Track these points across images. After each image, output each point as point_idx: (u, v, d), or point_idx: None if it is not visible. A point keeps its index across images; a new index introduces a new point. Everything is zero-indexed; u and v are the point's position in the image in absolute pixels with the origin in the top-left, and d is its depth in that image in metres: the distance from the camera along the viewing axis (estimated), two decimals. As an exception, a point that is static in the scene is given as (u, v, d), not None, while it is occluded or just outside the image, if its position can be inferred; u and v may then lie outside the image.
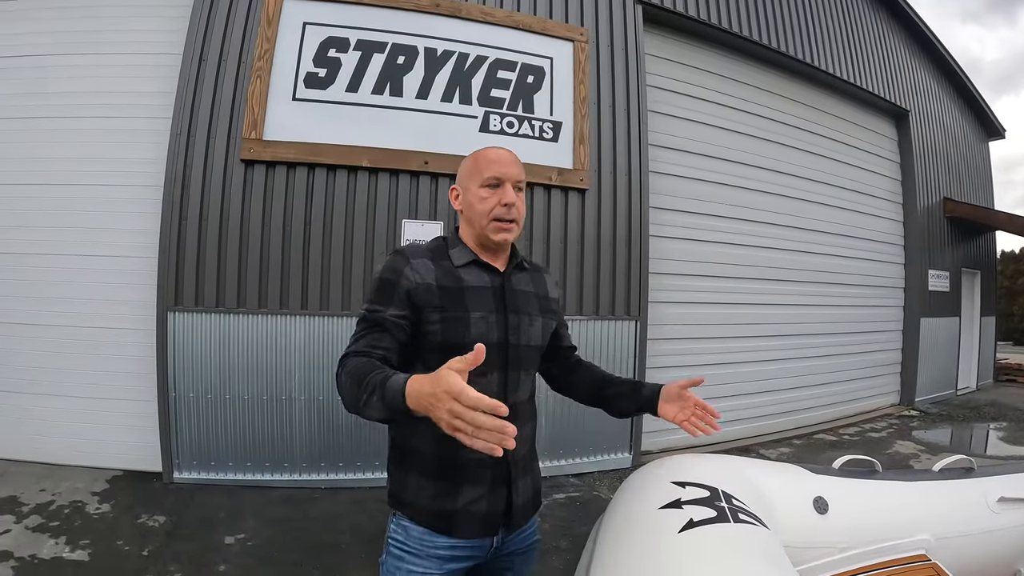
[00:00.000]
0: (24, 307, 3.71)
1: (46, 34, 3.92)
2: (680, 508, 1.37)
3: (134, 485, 3.49)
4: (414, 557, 1.17)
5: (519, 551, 1.28)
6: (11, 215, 3.73)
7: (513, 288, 1.22)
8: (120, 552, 2.72)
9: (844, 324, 5.67)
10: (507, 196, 1.16)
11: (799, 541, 1.63)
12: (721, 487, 1.50)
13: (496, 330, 1.16)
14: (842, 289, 5.64)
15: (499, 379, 1.17)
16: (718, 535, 1.26)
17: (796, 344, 5.20)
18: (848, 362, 5.77)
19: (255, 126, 3.63)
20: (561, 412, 3.94)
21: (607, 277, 4.07)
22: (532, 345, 1.23)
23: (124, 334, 3.67)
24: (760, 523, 1.39)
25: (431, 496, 1.17)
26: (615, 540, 1.32)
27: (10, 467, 3.60)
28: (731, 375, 4.80)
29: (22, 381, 3.72)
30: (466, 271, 1.18)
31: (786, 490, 1.73)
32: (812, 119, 5.39)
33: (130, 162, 3.74)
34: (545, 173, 3.94)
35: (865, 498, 1.76)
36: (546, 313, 1.29)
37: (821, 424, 5.45)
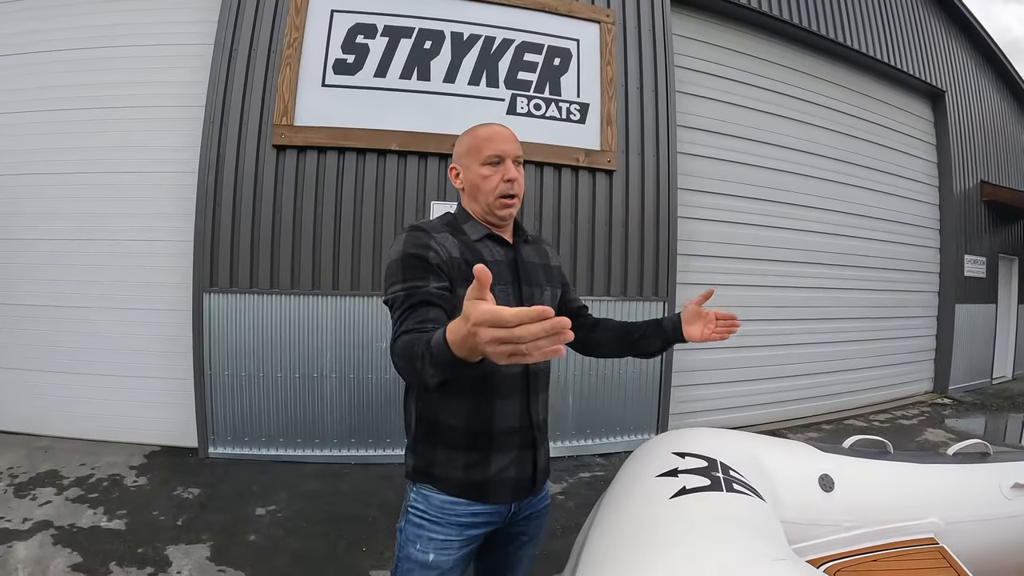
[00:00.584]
0: (68, 291, 3.85)
1: (81, 28, 4.03)
2: (676, 476, 1.38)
3: (170, 460, 3.62)
4: (434, 524, 1.20)
5: (533, 515, 1.32)
6: (53, 203, 3.87)
7: (524, 260, 1.26)
8: (155, 522, 2.83)
9: (876, 309, 5.55)
10: (509, 172, 1.19)
11: (802, 517, 1.62)
12: (720, 459, 1.51)
13: (513, 302, 1.20)
14: (875, 273, 5.51)
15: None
16: (708, 502, 1.27)
17: (827, 328, 5.11)
18: (880, 347, 5.65)
19: (286, 112, 3.69)
20: (589, 391, 3.96)
21: (635, 258, 4.06)
22: None
23: (161, 315, 3.79)
24: (756, 495, 1.38)
25: (463, 467, 1.20)
26: (613, 505, 1.34)
27: (54, 443, 3.75)
28: (760, 358, 4.74)
29: (66, 362, 3.87)
30: (483, 245, 1.21)
31: (791, 466, 1.71)
32: (845, 99, 5.26)
33: (165, 150, 3.85)
34: (572, 155, 3.93)
35: (873, 478, 1.73)
36: (552, 282, 1.34)
37: (851, 410, 5.36)
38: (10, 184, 3.90)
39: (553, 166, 3.93)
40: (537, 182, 3.92)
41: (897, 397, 5.94)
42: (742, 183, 4.64)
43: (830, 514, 1.64)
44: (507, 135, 1.23)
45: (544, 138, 3.91)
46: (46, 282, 3.85)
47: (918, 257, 6.12)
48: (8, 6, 4.09)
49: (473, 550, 1.27)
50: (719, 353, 4.55)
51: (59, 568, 2.36)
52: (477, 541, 1.25)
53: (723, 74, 4.57)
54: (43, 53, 4.02)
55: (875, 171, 5.52)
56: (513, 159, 1.21)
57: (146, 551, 2.53)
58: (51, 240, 3.86)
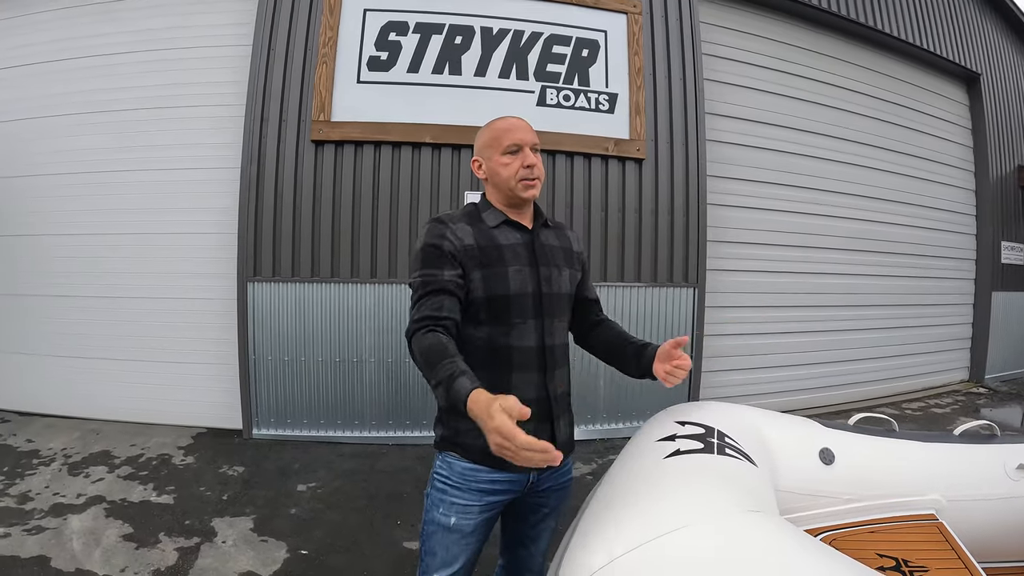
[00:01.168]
0: (121, 282, 4.06)
1: (130, 33, 4.22)
2: (673, 441, 1.45)
3: (216, 440, 3.79)
4: (456, 490, 1.29)
5: (555, 488, 1.39)
6: (107, 199, 4.09)
7: (542, 243, 1.35)
8: (202, 496, 2.98)
9: (910, 296, 5.47)
10: (528, 158, 1.28)
11: (800, 488, 1.67)
12: (718, 427, 1.56)
13: (531, 282, 1.29)
14: (908, 259, 5.42)
15: (536, 325, 1.29)
16: (697, 462, 1.33)
17: (860, 315, 5.06)
18: (914, 335, 5.56)
19: (323, 109, 3.83)
20: (620, 376, 3.96)
21: (664, 245, 4.10)
22: (563, 293, 1.36)
23: (208, 303, 3.97)
24: (748, 460, 1.43)
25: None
26: (617, 466, 1.42)
27: (105, 426, 3.96)
28: (792, 344, 4.73)
29: (118, 348, 4.09)
30: (499, 231, 1.30)
31: (792, 439, 1.75)
32: (876, 84, 5.18)
33: (208, 147, 4.02)
34: (602, 144, 3.99)
35: (875, 454, 1.76)
36: (571, 265, 1.40)
37: (884, 398, 5.30)
38: (77, 182, 4.14)
39: (583, 155, 3.99)
40: (568, 171, 3.98)
41: (931, 386, 5.84)
42: (773, 170, 4.62)
43: (829, 486, 1.68)
44: (523, 125, 1.32)
45: (574, 128, 3.97)
46: (101, 274, 4.08)
47: (953, 244, 5.99)
48: (73, 11, 4.31)
49: (493, 517, 1.34)
50: (751, 339, 4.56)
51: (111, 538, 2.52)
52: (497, 508, 1.32)
53: (752, 61, 4.56)
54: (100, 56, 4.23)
55: (909, 156, 5.43)
56: (531, 147, 1.29)
57: (193, 523, 2.69)
58: (106, 235, 4.07)
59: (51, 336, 4.19)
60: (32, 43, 4.33)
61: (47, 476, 3.17)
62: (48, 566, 2.29)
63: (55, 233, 4.18)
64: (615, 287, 4.03)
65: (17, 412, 4.19)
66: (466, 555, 1.32)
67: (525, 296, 1.27)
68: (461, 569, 1.32)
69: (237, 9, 4.08)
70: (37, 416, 4.12)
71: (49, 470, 3.26)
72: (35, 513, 2.72)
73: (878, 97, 5.20)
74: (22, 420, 4.07)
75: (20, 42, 4.37)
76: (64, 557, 2.36)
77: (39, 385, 4.20)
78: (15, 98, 4.33)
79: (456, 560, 1.31)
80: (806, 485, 1.67)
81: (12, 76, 4.36)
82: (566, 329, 1.41)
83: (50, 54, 4.28)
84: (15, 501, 2.84)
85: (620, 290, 4.04)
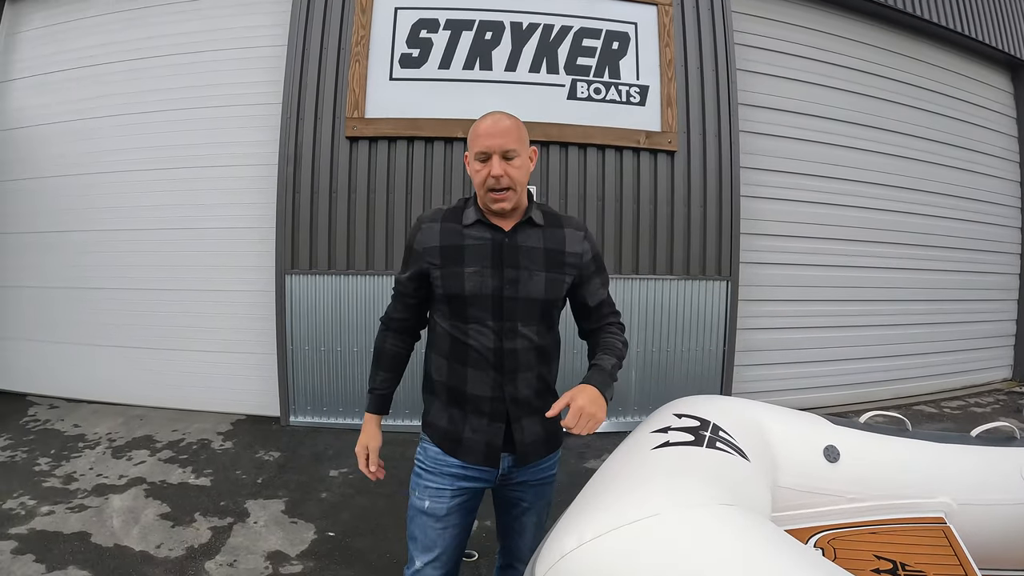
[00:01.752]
0: (162, 275, 4.22)
1: (167, 36, 4.38)
2: (665, 433, 1.47)
3: (254, 427, 3.91)
4: (429, 474, 1.35)
5: (531, 483, 1.39)
6: (149, 196, 4.25)
7: (516, 244, 1.29)
8: (237, 479, 3.09)
9: (951, 291, 5.29)
10: (493, 169, 1.22)
11: (801, 484, 1.65)
12: (715, 421, 1.56)
13: (491, 283, 1.27)
14: (948, 253, 5.25)
15: (495, 327, 1.27)
16: (682, 454, 1.34)
17: (896, 310, 4.91)
18: (955, 331, 5.39)
19: (357, 106, 3.90)
20: (651, 368, 4.03)
21: (697, 237, 4.06)
22: (532, 298, 1.28)
23: (247, 295, 4.10)
24: (739, 454, 1.42)
25: (447, 420, 1.34)
26: (610, 457, 1.43)
27: (149, 413, 4.13)
28: (827, 339, 4.63)
29: (162, 339, 4.26)
30: (471, 230, 1.30)
31: (796, 435, 1.73)
32: (916, 72, 5.02)
33: (246, 145, 4.14)
34: (633, 137, 3.97)
35: (884, 453, 1.70)
36: (555, 268, 1.31)
37: (922, 395, 5.14)
38: (122, 180, 4.31)
39: (615, 148, 3.98)
40: (599, 165, 3.98)
41: (972, 384, 5.65)
42: (808, 161, 4.52)
43: (832, 484, 1.65)
44: (498, 130, 1.24)
45: (605, 121, 3.97)
46: (147, 268, 4.24)
47: (996, 237, 5.78)
48: (107, 17, 4.49)
49: (469, 505, 1.36)
50: (785, 333, 4.49)
51: (149, 517, 2.64)
52: (469, 495, 1.35)
53: (786, 50, 4.47)
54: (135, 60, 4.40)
55: (950, 146, 5.26)
56: (501, 154, 1.23)
57: (227, 504, 2.79)
58: (152, 230, 4.23)
59: (99, 327, 4.38)
60: (68, 49, 4.54)
61: (92, 458, 3.32)
62: (88, 541, 2.41)
63: (103, 229, 4.36)
64: (647, 280, 4.02)
65: (66, 399, 4.38)
66: (444, 542, 1.34)
67: (483, 298, 1.26)
68: (442, 557, 1.34)
69: (270, 11, 4.20)
70: (85, 403, 4.32)
71: (94, 453, 3.41)
72: (78, 493, 2.86)
73: (918, 85, 5.04)
74: (70, 406, 4.26)
75: (56, 48, 4.58)
76: (104, 533, 2.48)
77: (87, 373, 4.40)
78: (55, 102, 4.54)
79: (435, 546, 1.33)
80: (808, 483, 1.65)
81: (51, 81, 4.57)
82: (543, 332, 1.34)
83: (85, 59, 4.47)
84: (60, 481, 2.99)
85: (652, 283, 4.02)
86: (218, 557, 2.33)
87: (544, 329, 1.33)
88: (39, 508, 2.67)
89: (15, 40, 4.74)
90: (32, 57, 4.67)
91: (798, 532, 1.60)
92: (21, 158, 4.62)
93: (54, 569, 2.19)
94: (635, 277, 4.00)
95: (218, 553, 2.36)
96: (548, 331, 1.36)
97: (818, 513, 1.65)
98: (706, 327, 4.07)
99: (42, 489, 2.88)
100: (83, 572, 2.18)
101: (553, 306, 1.34)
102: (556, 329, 1.41)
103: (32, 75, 4.65)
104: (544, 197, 3.94)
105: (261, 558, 2.34)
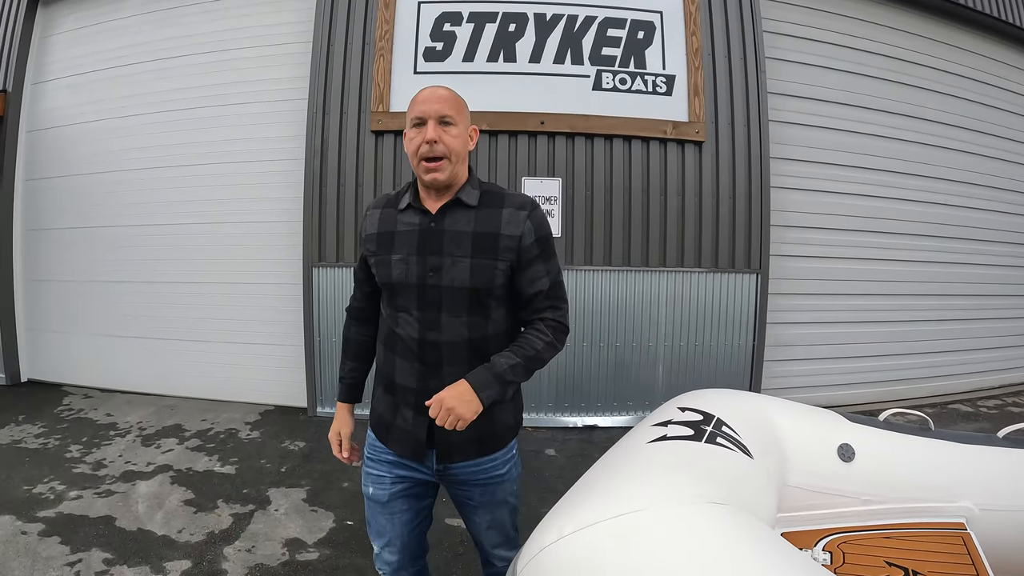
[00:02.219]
0: (193, 268, 4.30)
1: (195, 36, 4.47)
2: (665, 427, 1.43)
3: (282, 417, 3.96)
4: (372, 462, 1.35)
5: (475, 483, 1.32)
6: (179, 192, 4.33)
7: (441, 229, 1.21)
8: (262, 468, 3.14)
9: (989, 285, 5.10)
10: (428, 133, 1.16)
11: (812, 484, 1.59)
12: (720, 416, 1.51)
13: (415, 271, 1.21)
14: (988, 247, 5.05)
15: (419, 317, 1.22)
16: (678, 450, 1.31)
17: (932, 305, 4.75)
18: (992, 327, 5.19)
19: (382, 100, 3.91)
20: (679, 361, 3.97)
21: (726, 230, 3.98)
22: (455, 287, 1.19)
23: (275, 288, 4.15)
24: (742, 451, 1.37)
25: (382, 408, 1.33)
26: (608, 452, 1.41)
27: (180, 403, 4.22)
28: (860, 335, 4.49)
29: (193, 331, 4.34)
30: (403, 215, 1.25)
31: (809, 433, 1.66)
32: (956, 60, 4.84)
33: (272, 140, 4.19)
34: (660, 127, 3.91)
35: (903, 454, 1.62)
36: (485, 253, 1.20)
37: (959, 394, 4.97)
38: (152, 176, 4.41)
39: (641, 139, 3.92)
40: (625, 156, 3.93)
41: (1010, 383, 5.44)
42: (842, 151, 4.39)
43: (846, 484, 1.59)
44: (434, 96, 1.19)
45: (631, 112, 3.91)
46: (176, 261, 4.33)
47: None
48: (137, 19, 4.58)
49: (413, 493, 1.33)
50: (817, 328, 4.37)
51: (173, 502, 2.70)
52: (410, 484, 1.33)
53: (818, 37, 4.34)
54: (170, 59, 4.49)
55: (987, 135, 5.07)
56: (437, 119, 1.17)
57: (250, 492, 2.84)
58: (182, 224, 4.31)
59: (131, 319, 4.49)
60: (99, 50, 4.67)
61: (121, 446, 3.40)
62: (113, 525, 2.47)
63: (132, 224, 4.46)
64: (675, 272, 3.95)
65: (99, 389, 4.52)
66: (393, 530, 1.34)
67: (407, 287, 1.22)
68: (394, 542, 1.34)
69: (295, 8, 4.24)
70: (118, 393, 4.44)
71: (124, 441, 3.49)
72: (107, 479, 2.93)
73: (957, 73, 4.86)
74: (103, 396, 4.38)
75: (88, 50, 4.71)
76: (128, 518, 2.54)
77: (120, 364, 4.52)
78: (86, 102, 4.67)
79: (384, 533, 1.34)
80: (820, 482, 1.59)
81: (82, 82, 4.71)
82: (478, 324, 1.23)
83: (116, 60, 4.60)
84: (90, 468, 3.07)
85: (680, 275, 3.95)
86: (237, 543, 2.38)
87: (478, 319, 1.22)
88: (67, 493, 2.75)
89: (48, 43, 4.88)
90: (64, 59, 4.81)
91: (807, 534, 1.53)
92: (52, 157, 4.77)
93: (78, 551, 2.25)
94: (662, 270, 3.94)
95: (237, 539, 2.41)
96: (484, 321, 1.24)
97: (830, 515, 1.58)
98: (735, 321, 3.99)
99: (72, 475, 2.96)
100: (105, 554, 2.24)
101: (486, 295, 1.22)
102: (503, 321, 1.27)
103: (64, 76, 4.79)
104: (570, 189, 3.90)
105: (279, 544, 2.37)
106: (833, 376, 4.45)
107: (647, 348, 3.95)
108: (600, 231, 3.92)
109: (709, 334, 3.98)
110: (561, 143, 3.88)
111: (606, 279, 3.91)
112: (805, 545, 1.47)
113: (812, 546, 1.47)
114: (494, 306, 1.24)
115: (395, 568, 1.37)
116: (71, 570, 2.13)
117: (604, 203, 3.92)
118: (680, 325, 3.97)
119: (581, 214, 3.91)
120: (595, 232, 3.92)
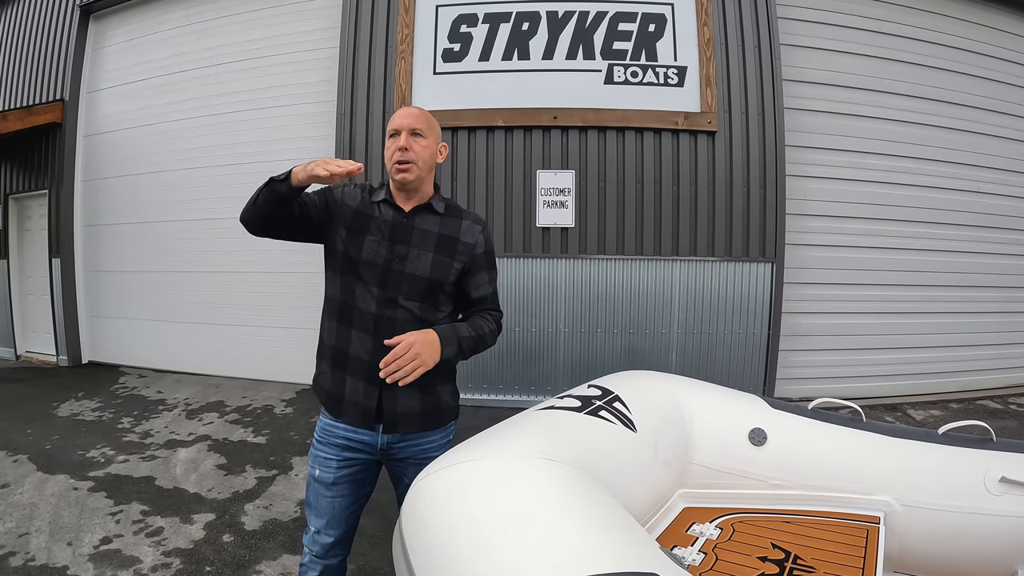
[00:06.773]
0: (239, 259, 4.70)
1: (235, 44, 4.83)
2: (562, 399, 1.53)
3: (314, 395, 4.20)
4: (320, 444, 1.44)
5: (413, 460, 1.40)
6: (221, 189, 4.69)
7: (411, 225, 1.39)
8: (290, 440, 3.46)
9: (1019, 277, 4.85)
10: (400, 141, 1.35)
11: (719, 464, 1.65)
12: (622, 394, 1.58)
13: (384, 254, 1.36)
14: (1017, 236, 4.78)
15: (378, 294, 1.35)
16: (552, 418, 1.42)
17: (958, 296, 4.57)
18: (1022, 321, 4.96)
19: (404, 100, 4.12)
20: (692, 349, 4.02)
21: (740, 219, 4.00)
22: (417, 275, 1.37)
23: (313, 277, 4.36)
24: (626, 425, 1.47)
25: (330, 381, 1.42)
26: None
27: (225, 382, 4.65)
28: (880, 326, 4.38)
29: (239, 316, 4.75)
30: (377, 206, 1.41)
31: (723, 415, 1.71)
32: (982, 39, 4.60)
33: (303, 140, 4.49)
34: (671, 119, 3.96)
35: (821, 442, 1.63)
36: (445, 252, 1.39)
37: (987, 389, 4.73)
38: (197, 175, 4.84)
39: (653, 131, 3.99)
40: (637, 147, 4.01)
41: (1048, 379, 5.17)
42: (861, 137, 4.29)
43: (754, 467, 1.63)
44: (408, 113, 1.40)
45: (642, 104, 3.98)
46: (223, 253, 4.74)
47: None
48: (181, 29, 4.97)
49: (357, 476, 1.43)
50: (835, 318, 4.30)
51: (207, 466, 3.04)
52: (356, 466, 1.42)
53: (835, 21, 4.25)
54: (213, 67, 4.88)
55: (1020, 119, 4.85)
56: (409, 131, 1.36)
57: (276, 459, 3.16)
58: (225, 219, 4.61)
59: (182, 305, 4.95)
60: (146, 60, 5.12)
61: (168, 419, 3.79)
62: (152, 484, 2.82)
63: (180, 219, 4.89)
64: (687, 261, 4.00)
65: (153, 369, 5.02)
66: (334, 510, 1.42)
67: (374, 266, 1.36)
68: (332, 523, 1.42)
69: (322, 15, 4.52)
70: (169, 372, 4.92)
71: (171, 415, 3.89)
72: (152, 446, 3.31)
73: (983, 53, 4.64)
74: (156, 376, 4.87)
75: (136, 60, 5.17)
76: (167, 478, 2.89)
77: (172, 347, 4.99)
78: (137, 107, 5.14)
79: (325, 513, 1.42)
80: (726, 463, 1.65)
81: (132, 89, 5.17)
82: (428, 310, 1.38)
83: (162, 68, 5.04)
84: (138, 437, 3.46)
85: (693, 264, 3.99)
86: (257, 501, 2.67)
87: (429, 307, 1.39)
88: (116, 457, 3.12)
89: (100, 54, 5.37)
90: (115, 69, 5.28)
91: (707, 511, 1.59)
92: (107, 159, 5.26)
93: (120, 504, 2.59)
94: (675, 259, 3.99)
95: (258, 498, 2.70)
96: (434, 310, 1.40)
97: (739, 496, 1.63)
98: (749, 310, 4.00)
99: (121, 443, 3.34)
100: (143, 507, 2.57)
101: (439, 288, 1.39)
102: (447, 312, 1.44)
103: (117, 85, 5.26)
104: (583, 181, 4.01)
105: (293, 504, 2.64)
106: (853, 368, 4.37)
107: (660, 335, 4.02)
108: (613, 221, 4.01)
109: (723, 322, 4.01)
110: (574, 137, 3.99)
111: (619, 267, 4.00)
112: (702, 520, 1.55)
113: (708, 521, 1.53)
114: (443, 300, 1.42)
115: (326, 548, 1.44)
116: (112, 519, 2.45)
117: (617, 194, 4.01)
118: (693, 313, 4.01)
119: (594, 205, 4.01)
120: (607, 222, 4.01)
